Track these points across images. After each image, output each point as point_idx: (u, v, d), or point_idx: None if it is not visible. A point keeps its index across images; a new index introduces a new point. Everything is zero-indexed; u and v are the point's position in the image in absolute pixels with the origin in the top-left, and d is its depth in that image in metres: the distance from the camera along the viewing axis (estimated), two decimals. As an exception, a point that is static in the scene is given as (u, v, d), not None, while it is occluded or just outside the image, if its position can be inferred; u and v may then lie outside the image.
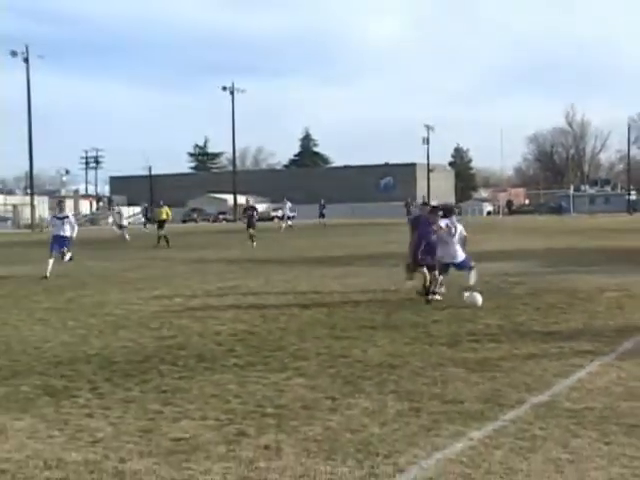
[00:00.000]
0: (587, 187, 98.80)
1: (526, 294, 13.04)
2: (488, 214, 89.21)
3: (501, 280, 15.08)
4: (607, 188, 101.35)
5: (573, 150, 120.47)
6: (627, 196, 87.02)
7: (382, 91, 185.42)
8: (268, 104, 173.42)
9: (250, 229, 30.34)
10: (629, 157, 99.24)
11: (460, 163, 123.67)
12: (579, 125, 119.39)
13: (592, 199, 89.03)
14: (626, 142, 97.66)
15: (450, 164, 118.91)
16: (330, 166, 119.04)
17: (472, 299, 11.49)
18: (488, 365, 7.53)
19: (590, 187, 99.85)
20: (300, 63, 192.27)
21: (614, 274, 15.88)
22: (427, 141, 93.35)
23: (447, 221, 12.76)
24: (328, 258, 22.58)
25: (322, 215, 54.92)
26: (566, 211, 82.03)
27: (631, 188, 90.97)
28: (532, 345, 8.53)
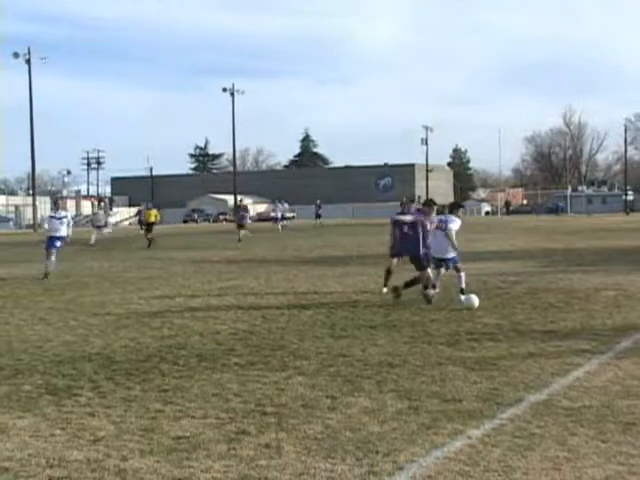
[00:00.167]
0: (584, 187, 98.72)
1: (524, 293, 13.08)
2: (486, 214, 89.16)
3: (499, 280, 15.12)
4: (604, 188, 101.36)
5: (571, 151, 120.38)
6: (624, 196, 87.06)
7: (381, 92, 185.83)
8: (268, 105, 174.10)
9: (240, 229, 29.97)
10: (626, 158, 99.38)
11: (458, 164, 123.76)
12: (576, 126, 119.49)
13: (589, 199, 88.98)
14: (623, 143, 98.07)
15: (449, 164, 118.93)
16: (330, 167, 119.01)
17: (469, 301, 11.39)
18: (486, 364, 7.57)
19: (587, 187, 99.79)
20: (300, 64, 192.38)
21: (611, 273, 15.92)
22: (426, 142, 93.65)
23: (441, 217, 12.73)
24: (327, 258, 22.61)
25: (318, 216, 55.04)
26: (563, 211, 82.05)
27: (628, 188, 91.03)
28: (530, 344, 8.57)
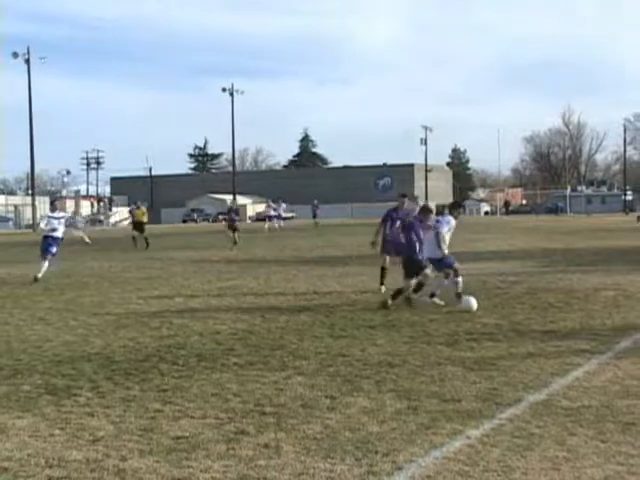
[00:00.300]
0: (584, 187, 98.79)
1: (523, 293, 13.08)
2: (486, 214, 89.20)
3: (498, 279, 15.13)
4: (603, 188, 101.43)
5: (570, 151, 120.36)
6: (623, 196, 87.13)
7: (380, 92, 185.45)
8: (268, 105, 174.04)
9: (230, 231, 29.31)
10: (625, 158, 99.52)
11: (458, 164, 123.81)
12: (575, 126, 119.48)
13: (589, 199, 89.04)
14: (622, 143, 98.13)
15: (448, 164, 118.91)
16: (329, 166, 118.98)
17: (467, 304, 11.16)
18: (486, 364, 7.57)
19: (587, 187, 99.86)
20: (299, 64, 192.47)
21: (611, 274, 15.93)
22: (425, 142, 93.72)
23: (438, 217, 12.60)
24: (327, 258, 22.62)
25: (315, 215, 55.13)
26: (563, 211, 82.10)
27: (627, 188, 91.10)
28: (529, 344, 8.58)
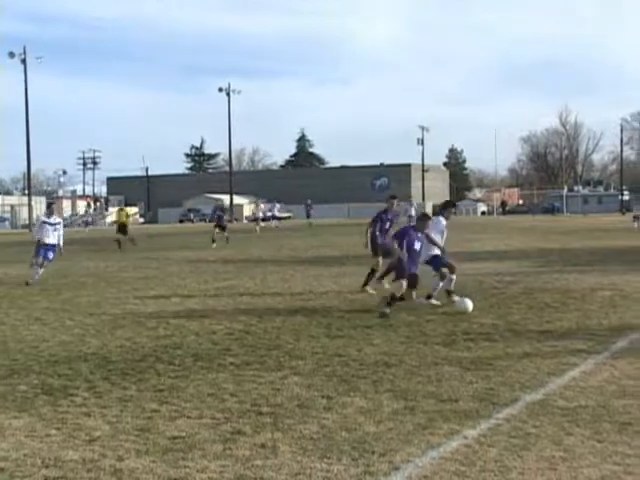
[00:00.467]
0: (580, 187, 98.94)
1: (520, 293, 13.09)
2: (482, 214, 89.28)
3: (495, 280, 15.14)
4: (600, 188, 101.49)
5: (566, 151, 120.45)
6: (620, 196, 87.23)
7: (377, 92, 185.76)
8: (265, 105, 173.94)
9: (217, 230, 29.03)
10: (622, 158, 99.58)
11: (454, 163, 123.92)
12: (572, 126, 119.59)
13: (585, 199, 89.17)
14: (619, 143, 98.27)
15: (445, 164, 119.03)
16: (326, 166, 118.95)
17: (463, 305, 11.02)
18: (482, 364, 7.58)
19: (583, 187, 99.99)
20: (296, 64, 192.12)
21: (607, 274, 15.95)
22: (422, 142, 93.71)
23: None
24: (324, 258, 22.61)
25: (309, 215, 55.10)
26: (560, 211, 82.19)
27: (624, 188, 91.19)
28: (526, 344, 8.58)
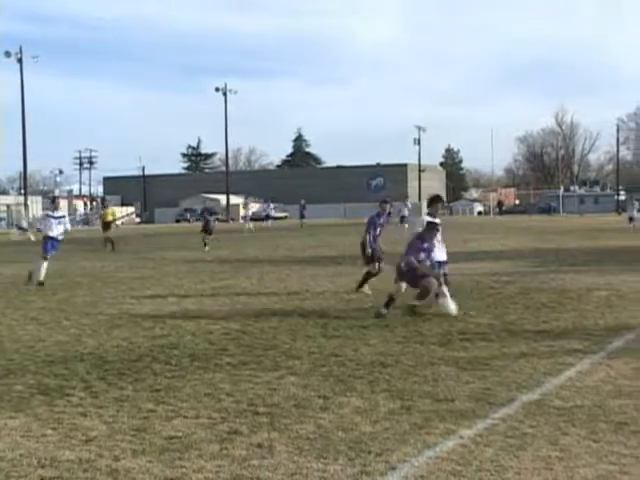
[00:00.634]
0: (576, 187, 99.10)
1: (516, 293, 13.11)
2: (479, 214, 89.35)
3: (491, 279, 15.16)
4: (596, 188, 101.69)
5: (563, 151, 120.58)
6: (616, 196, 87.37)
7: (374, 92, 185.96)
8: (262, 105, 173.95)
9: (204, 233, 28.29)
10: (618, 158, 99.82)
11: (451, 163, 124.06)
12: (568, 126, 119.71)
13: (581, 199, 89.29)
14: (615, 143, 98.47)
15: (441, 164, 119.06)
16: (322, 166, 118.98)
17: (447, 307, 10.76)
18: (479, 364, 7.58)
19: (579, 188, 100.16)
20: (295, 64, 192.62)
21: (603, 273, 15.98)
22: (418, 142, 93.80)
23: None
24: (320, 258, 22.62)
25: (302, 216, 55.05)
26: (556, 211, 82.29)
27: (620, 188, 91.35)
28: (522, 344, 8.59)
